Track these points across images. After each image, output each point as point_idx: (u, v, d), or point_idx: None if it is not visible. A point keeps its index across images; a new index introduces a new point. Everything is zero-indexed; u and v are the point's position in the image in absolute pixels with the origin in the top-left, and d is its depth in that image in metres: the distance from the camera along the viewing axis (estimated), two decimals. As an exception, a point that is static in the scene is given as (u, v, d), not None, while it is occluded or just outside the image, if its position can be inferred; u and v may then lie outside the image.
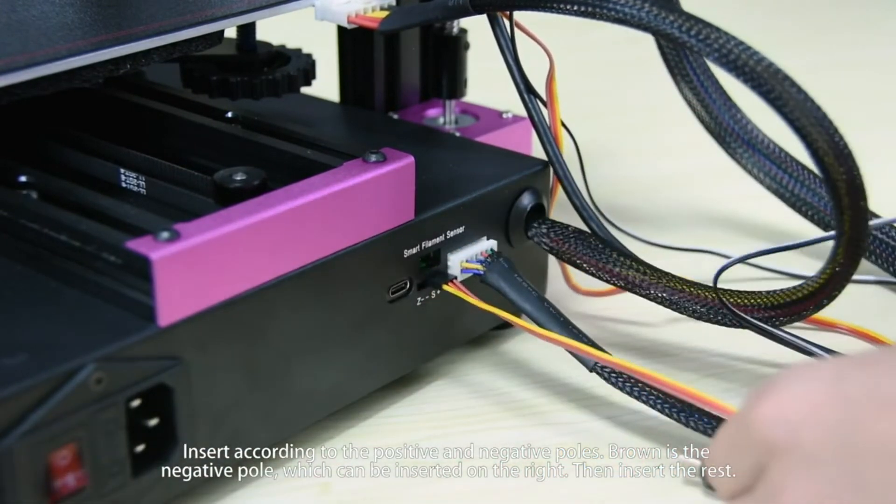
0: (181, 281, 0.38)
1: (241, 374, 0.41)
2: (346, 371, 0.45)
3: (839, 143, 0.38)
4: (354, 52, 0.60)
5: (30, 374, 0.35)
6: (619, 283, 0.48)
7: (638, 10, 0.39)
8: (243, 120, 0.51)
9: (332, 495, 0.44)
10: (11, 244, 0.43)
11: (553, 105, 0.49)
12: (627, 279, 0.48)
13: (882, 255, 0.57)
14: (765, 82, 0.38)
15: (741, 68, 0.38)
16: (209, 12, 0.47)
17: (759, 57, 0.38)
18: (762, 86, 0.38)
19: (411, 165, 0.45)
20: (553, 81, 0.49)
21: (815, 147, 0.38)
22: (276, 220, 0.41)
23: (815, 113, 0.38)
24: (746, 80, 0.38)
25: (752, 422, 0.35)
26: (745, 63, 0.38)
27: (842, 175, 0.38)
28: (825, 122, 0.38)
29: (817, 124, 0.38)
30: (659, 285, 0.47)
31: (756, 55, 0.38)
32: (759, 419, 0.34)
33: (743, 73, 0.38)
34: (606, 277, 0.48)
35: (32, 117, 0.51)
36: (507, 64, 0.49)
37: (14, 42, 0.44)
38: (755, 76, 0.38)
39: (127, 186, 0.48)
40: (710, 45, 0.38)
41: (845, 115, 0.42)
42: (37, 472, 0.35)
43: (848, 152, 0.38)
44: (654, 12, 0.39)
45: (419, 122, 0.60)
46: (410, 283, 0.47)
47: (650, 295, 0.47)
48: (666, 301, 0.47)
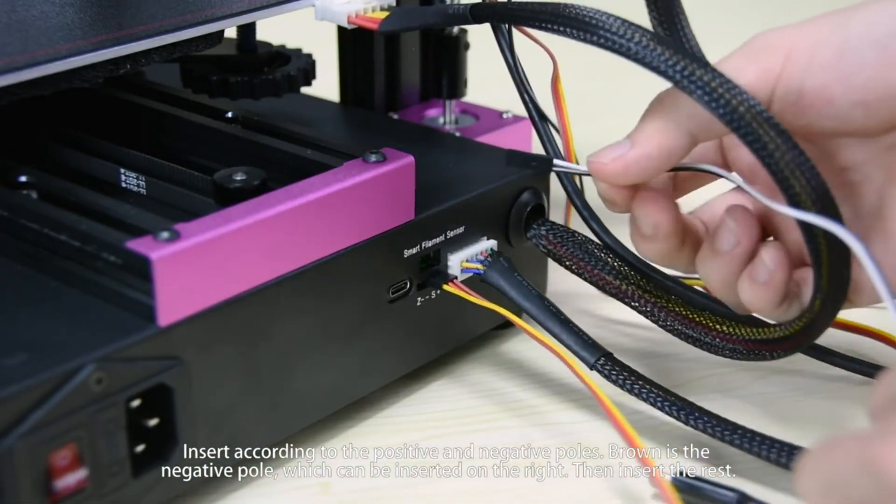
0: (181, 281, 0.38)
1: (241, 374, 0.41)
2: (346, 371, 0.45)
3: (824, 197, 0.37)
4: (354, 52, 0.60)
5: (30, 374, 0.35)
6: (611, 293, 0.48)
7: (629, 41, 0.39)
8: (243, 120, 0.51)
9: (332, 495, 0.44)
10: (11, 244, 0.43)
11: (560, 105, 0.49)
12: (620, 290, 0.47)
13: None
14: (749, 128, 0.37)
15: (725, 110, 0.37)
16: (209, 12, 0.47)
17: (751, 102, 0.37)
18: (747, 133, 0.37)
19: (411, 165, 0.45)
20: (558, 82, 0.49)
21: (798, 202, 0.37)
22: (276, 220, 0.41)
23: (801, 166, 0.36)
24: (730, 124, 0.37)
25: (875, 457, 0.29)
26: (729, 104, 0.37)
27: (822, 233, 0.37)
28: (810, 175, 0.36)
29: (802, 178, 0.36)
30: (650, 301, 0.47)
31: (743, 94, 0.37)
32: (878, 459, 0.29)
33: (726, 116, 0.37)
34: (600, 285, 0.48)
35: (32, 117, 0.51)
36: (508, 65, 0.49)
37: (14, 42, 0.44)
38: (739, 120, 0.37)
39: (127, 186, 0.48)
40: (695, 82, 0.37)
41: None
42: (37, 472, 0.35)
43: (834, 209, 0.37)
44: (642, 44, 0.39)
45: (419, 122, 0.60)
46: (410, 283, 0.47)
47: (639, 309, 0.47)
48: (654, 317, 0.47)
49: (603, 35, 0.39)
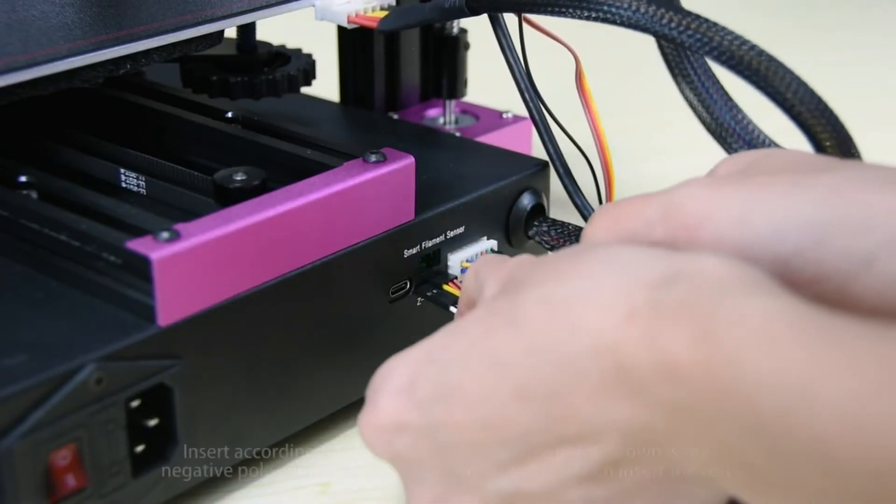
0: (181, 281, 0.38)
1: (241, 374, 0.41)
2: (346, 371, 0.45)
3: (841, 132, 0.38)
4: (354, 52, 0.60)
5: (30, 374, 0.35)
6: None
7: (633, 12, 0.39)
8: (243, 120, 0.51)
9: (331, 495, 0.43)
10: (11, 244, 0.43)
11: (589, 104, 0.49)
12: None
13: None
14: (762, 74, 0.37)
15: (739, 62, 0.38)
16: (209, 12, 0.47)
17: (758, 50, 0.38)
18: (759, 78, 0.37)
19: (411, 165, 0.45)
20: (583, 79, 0.49)
21: (819, 139, 0.37)
22: (276, 220, 0.41)
23: (817, 104, 0.37)
24: (745, 75, 0.38)
25: (361, 431, 0.36)
26: (743, 57, 0.38)
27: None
28: (827, 113, 0.37)
29: (820, 115, 0.37)
30: None
31: (753, 48, 0.38)
32: (363, 433, 0.36)
33: (741, 66, 0.38)
34: None
35: (32, 117, 0.51)
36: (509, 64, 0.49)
37: (14, 42, 0.44)
38: (752, 69, 0.37)
39: (127, 186, 0.48)
40: (707, 42, 0.38)
41: (846, 115, 0.42)
42: (37, 472, 0.35)
43: (851, 142, 0.38)
44: (648, 13, 0.39)
45: (419, 122, 0.60)
46: (410, 283, 0.47)
47: None
48: None
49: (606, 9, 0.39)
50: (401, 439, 0.34)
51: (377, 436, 0.35)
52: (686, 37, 0.38)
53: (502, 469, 0.32)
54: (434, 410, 0.33)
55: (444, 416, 0.33)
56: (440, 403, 0.33)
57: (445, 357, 0.33)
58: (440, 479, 0.34)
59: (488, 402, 0.32)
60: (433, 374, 0.34)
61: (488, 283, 0.36)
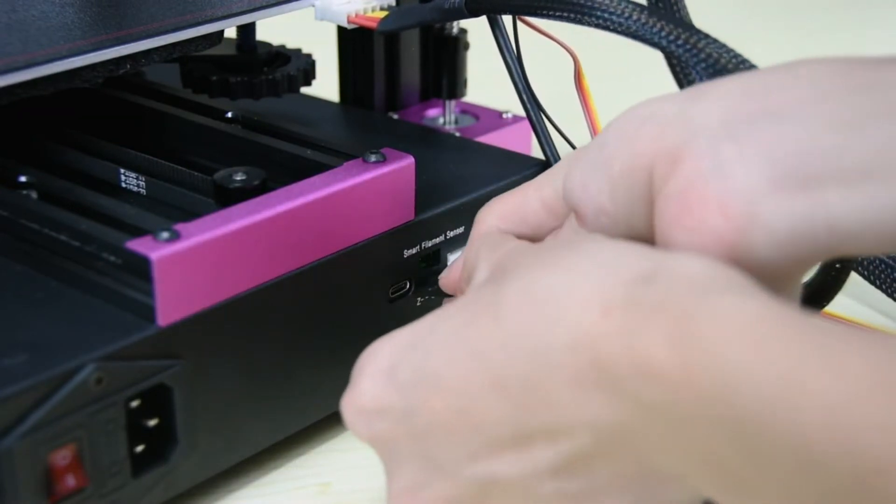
0: (181, 281, 0.38)
1: (241, 373, 0.41)
2: (347, 371, 0.45)
3: None
4: (354, 52, 0.60)
5: (30, 374, 0.35)
6: None
7: (626, 19, 0.39)
8: (243, 120, 0.51)
9: (331, 495, 0.44)
10: (11, 244, 0.43)
11: (588, 104, 0.49)
12: None
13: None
14: None
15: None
16: (209, 12, 0.47)
17: (749, 64, 0.37)
18: None
19: (411, 165, 0.45)
20: (582, 79, 0.49)
21: None
22: (276, 220, 0.41)
23: None
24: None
25: (343, 411, 0.36)
26: (733, 71, 0.37)
27: None
28: None
29: None
30: None
31: (745, 62, 0.37)
32: (344, 413, 0.36)
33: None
34: None
35: (32, 117, 0.51)
36: (507, 65, 0.49)
37: (14, 42, 0.44)
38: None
39: (127, 186, 0.48)
40: (697, 54, 0.38)
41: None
42: (37, 472, 0.35)
43: None
44: (640, 21, 0.39)
45: (419, 122, 0.60)
46: (410, 283, 0.47)
47: None
48: None
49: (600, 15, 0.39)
50: (380, 421, 0.35)
51: (357, 417, 0.35)
52: (675, 47, 0.38)
53: (477, 457, 0.32)
54: (413, 394, 0.33)
55: (421, 401, 0.33)
56: (419, 388, 0.33)
57: (428, 342, 0.34)
58: (418, 463, 0.34)
59: (465, 390, 0.32)
60: (415, 359, 0.34)
61: (480, 265, 0.37)
